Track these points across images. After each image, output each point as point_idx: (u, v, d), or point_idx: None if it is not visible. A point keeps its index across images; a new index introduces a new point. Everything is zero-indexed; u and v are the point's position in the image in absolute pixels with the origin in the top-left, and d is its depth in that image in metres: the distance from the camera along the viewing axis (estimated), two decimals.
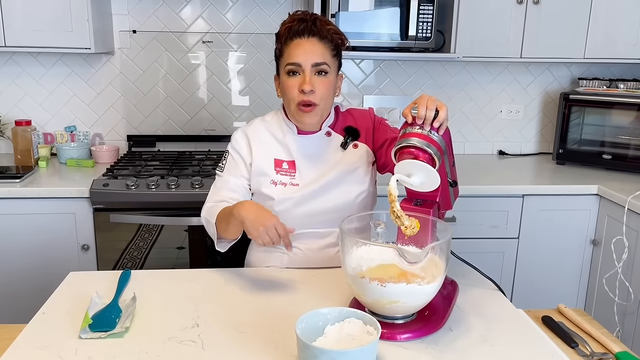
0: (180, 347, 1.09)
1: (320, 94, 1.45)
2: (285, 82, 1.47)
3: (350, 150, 1.56)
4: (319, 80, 1.44)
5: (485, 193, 2.35)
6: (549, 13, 2.52)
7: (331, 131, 1.57)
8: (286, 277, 1.45)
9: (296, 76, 1.45)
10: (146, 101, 2.76)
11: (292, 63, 1.44)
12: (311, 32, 1.44)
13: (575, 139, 2.76)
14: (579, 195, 2.39)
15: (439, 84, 2.89)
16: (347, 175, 1.54)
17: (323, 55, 1.44)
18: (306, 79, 1.43)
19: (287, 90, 1.46)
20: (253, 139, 1.55)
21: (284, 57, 1.46)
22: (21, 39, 2.31)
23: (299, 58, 1.43)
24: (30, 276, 2.21)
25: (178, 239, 2.26)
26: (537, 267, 2.45)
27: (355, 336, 1.04)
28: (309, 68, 1.43)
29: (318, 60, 1.44)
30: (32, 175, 2.34)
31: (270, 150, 1.55)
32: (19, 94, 2.70)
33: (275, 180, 1.52)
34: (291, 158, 1.54)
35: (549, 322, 1.30)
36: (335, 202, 1.52)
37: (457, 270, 1.43)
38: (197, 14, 2.70)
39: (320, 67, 1.44)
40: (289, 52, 1.44)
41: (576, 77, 2.94)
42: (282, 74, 1.47)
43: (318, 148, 1.55)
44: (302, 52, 1.43)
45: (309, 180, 1.52)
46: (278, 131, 1.57)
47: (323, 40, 1.45)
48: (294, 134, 1.55)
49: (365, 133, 1.58)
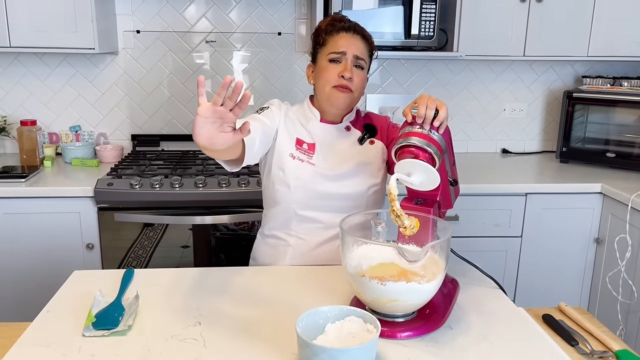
0: (182, 345, 1.10)
1: (356, 83, 1.54)
2: (325, 67, 1.55)
3: (367, 145, 1.62)
4: (356, 72, 1.54)
5: (488, 191, 2.35)
6: (552, 11, 2.52)
7: (351, 127, 1.63)
8: (288, 274, 1.46)
9: (337, 64, 1.54)
10: (150, 101, 2.78)
11: (336, 52, 1.53)
12: (356, 31, 1.57)
13: (579, 137, 2.75)
14: (582, 194, 2.39)
15: (442, 83, 2.89)
16: (362, 168, 1.58)
17: (363, 51, 1.56)
18: (347, 66, 1.52)
19: (326, 74, 1.54)
20: (284, 112, 1.62)
21: (328, 45, 1.56)
22: (26, 40, 2.33)
23: (343, 47, 1.53)
24: (35, 275, 2.24)
25: (183, 238, 2.28)
26: (540, 265, 2.45)
27: (356, 334, 1.04)
28: (351, 58, 1.53)
29: (360, 54, 1.54)
30: (37, 175, 2.36)
31: (295, 130, 1.61)
32: (25, 94, 2.72)
33: (294, 155, 1.57)
34: (312, 141, 1.60)
35: (550, 320, 1.30)
36: (348, 189, 1.57)
37: (457, 269, 1.44)
38: (200, 13, 2.72)
39: (360, 62, 1.54)
40: (334, 42, 1.55)
41: (580, 75, 2.93)
42: (323, 60, 1.56)
43: (337, 138, 1.61)
44: (347, 43, 1.54)
45: (325, 166, 1.57)
46: (302, 117, 1.63)
47: (364, 39, 1.57)
48: (317, 121, 1.61)
49: (381, 132, 1.65)
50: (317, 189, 1.55)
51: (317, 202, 1.55)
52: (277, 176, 1.57)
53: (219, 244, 2.31)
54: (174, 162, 2.53)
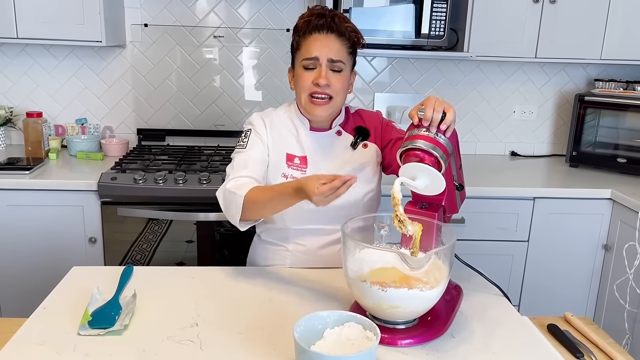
0: (178, 346, 1.08)
1: (335, 88, 1.46)
2: (300, 74, 1.47)
3: (360, 149, 1.56)
4: (334, 76, 1.46)
5: (495, 195, 2.31)
6: (565, 12, 2.48)
7: (342, 130, 1.58)
8: (289, 276, 1.43)
9: (312, 70, 1.46)
10: (157, 95, 2.76)
11: (309, 57, 1.45)
12: (330, 29, 1.45)
13: (590, 141, 2.71)
14: (591, 199, 2.35)
15: (451, 83, 2.85)
16: (357, 174, 1.52)
17: (340, 52, 1.46)
18: (322, 73, 1.44)
19: (301, 82, 1.47)
20: (269, 127, 1.56)
21: (301, 50, 1.47)
22: (32, 31, 2.32)
23: (315, 52, 1.44)
24: (37, 268, 2.23)
25: (188, 233, 2.26)
26: (547, 271, 2.41)
27: (354, 341, 1.02)
28: (325, 62, 1.44)
29: (334, 57, 1.45)
30: (41, 167, 2.35)
31: (283, 143, 1.55)
32: (31, 86, 2.71)
33: (287, 174, 1.52)
34: (303, 153, 1.54)
35: (555, 330, 1.27)
36: (344, 199, 1.50)
37: (462, 274, 1.41)
38: (209, 8, 2.69)
39: (336, 65, 1.45)
40: (307, 46, 1.45)
41: (592, 78, 2.89)
42: (298, 66, 1.48)
43: (329, 146, 1.55)
44: (319, 46, 1.44)
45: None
46: (291, 126, 1.57)
47: (341, 37, 1.46)
48: (307, 130, 1.56)
49: (374, 133, 1.59)
50: (311, 207, 1.46)
51: (312, 215, 1.51)
52: None
53: (223, 240, 2.29)
54: (179, 157, 2.51)
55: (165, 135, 2.78)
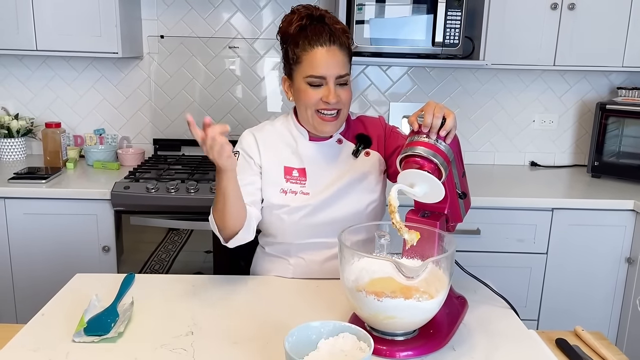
0: (170, 355, 1.07)
1: (343, 101, 1.42)
2: (304, 90, 1.41)
3: (362, 158, 1.52)
4: (342, 90, 1.41)
5: (512, 205, 2.26)
6: (585, 19, 2.42)
7: (342, 139, 1.53)
8: (289, 287, 1.41)
9: (318, 88, 1.40)
10: (173, 105, 2.79)
11: (315, 76, 1.39)
12: (331, 41, 1.39)
13: (613, 151, 2.63)
14: (613, 211, 2.27)
15: (468, 92, 2.81)
16: (358, 183, 1.50)
17: (344, 65, 1.41)
18: (331, 91, 1.38)
19: (306, 98, 1.41)
20: (262, 144, 1.51)
21: (303, 65, 1.40)
22: (52, 44, 2.37)
23: (322, 71, 1.38)
24: (51, 275, 2.25)
25: (206, 243, 2.26)
26: (566, 284, 2.33)
27: (347, 352, 0.99)
28: (333, 80, 1.39)
29: (342, 73, 1.40)
30: (58, 177, 2.38)
31: (280, 157, 1.51)
32: (52, 97, 2.77)
33: (285, 189, 1.48)
34: (302, 165, 1.50)
35: (563, 345, 1.22)
36: (345, 211, 1.48)
37: (468, 285, 1.37)
38: (224, 19, 2.72)
39: (343, 79, 1.41)
40: (310, 62, 1.39)
41: (615, 87, 2.81)
42: (300, 81, 1.42)
43: (329, 155, 1.51)
44: (325, 64, 1.38)
45: (319, 189, 1.48)
46: (289, 137, 1.52)
47: (342, 47, 1.41)
48: (305, 140, 1.51)
49: (376, 141, 1.54)
50: (315, 221, 1.47)
51: (316, 229, 1.48)
52: (269, 211, 1.49)
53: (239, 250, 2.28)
54: (193, 167, 2.52)
55: (181, 145, 2.80)
